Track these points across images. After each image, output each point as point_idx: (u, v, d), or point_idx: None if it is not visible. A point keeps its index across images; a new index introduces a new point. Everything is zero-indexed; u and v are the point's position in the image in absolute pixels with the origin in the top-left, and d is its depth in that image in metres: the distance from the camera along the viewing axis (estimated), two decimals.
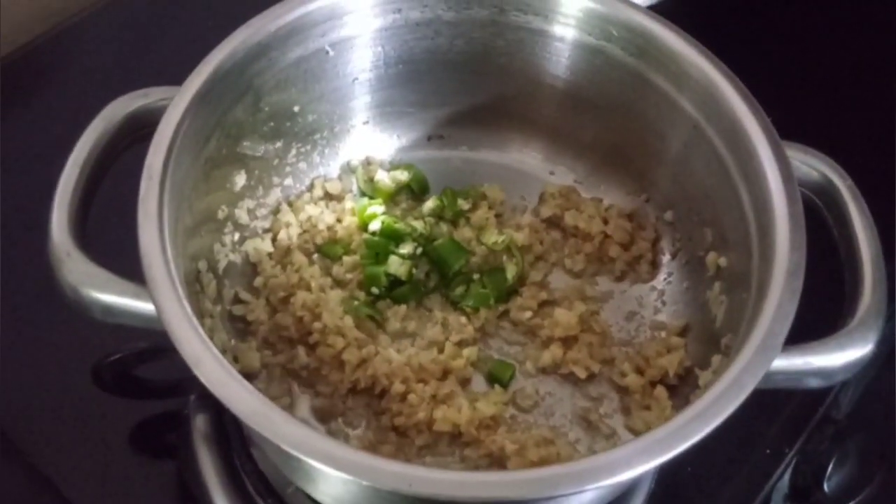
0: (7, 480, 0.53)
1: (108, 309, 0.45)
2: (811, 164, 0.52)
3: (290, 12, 0.53)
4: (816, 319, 0.46)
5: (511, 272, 0.58)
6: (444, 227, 0.60)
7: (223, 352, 0.49)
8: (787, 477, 0.56)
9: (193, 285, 0.50)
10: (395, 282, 0.57)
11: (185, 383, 0.54)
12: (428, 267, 0.58)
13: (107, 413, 0.55)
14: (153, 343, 0.50)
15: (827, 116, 0.65)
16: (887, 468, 0.55)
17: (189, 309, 0.43)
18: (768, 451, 0.56)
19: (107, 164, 0.49)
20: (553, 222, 0.61)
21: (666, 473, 0.41)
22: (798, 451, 0.56)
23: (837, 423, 0.58)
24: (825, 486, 0.55)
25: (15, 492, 0.52)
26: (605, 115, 0.59)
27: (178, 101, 0.49)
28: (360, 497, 0.47)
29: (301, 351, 0.53)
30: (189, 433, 0.53)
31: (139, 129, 0.50)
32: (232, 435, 0.53)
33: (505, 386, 0.54)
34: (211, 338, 0.43)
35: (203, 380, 0.41)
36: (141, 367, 0.55)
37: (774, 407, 0.56)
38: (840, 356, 0.45)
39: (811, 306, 0.45)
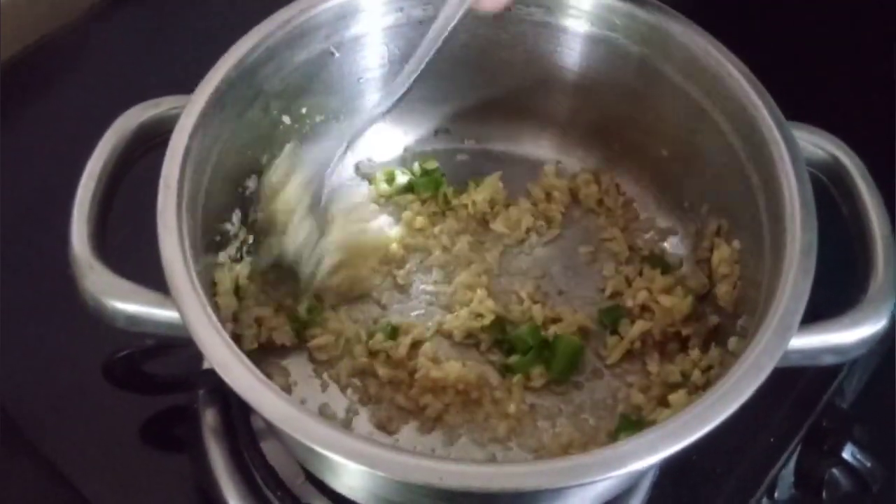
0: (19, 474, 0.54)
1: (133, 319, 0.45)
2: (817, 144, 0.52)
3: (296, 16, 0.53)
4: (827, 298, 0.46)
5: None
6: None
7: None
8: (792, 465, 0.56)
9: (211, 289, 0.51)
10: None
11: (194, 378, 0.55)
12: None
13: (117, 408, 0.55)
14: (162, 339, 0.50)
15: (830, 96, 0.65)
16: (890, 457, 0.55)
17: (214, 316, 0.43)
18: (772, 439, 0.56)
19: (121, 175, 0.49)
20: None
21: (670, 462, 0.42)
22: (803, 438, 0.56)
23: (842, 411, 0.58)
24: (831, 474, 0.55)
25: (27, 485, 0.53)
26: (614, 105, 0.59)
27: (189, 110, 0.49)
28: (387, 488, 0.48)
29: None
30: (198, 427, 0.54)
31: (152, 139, 0.50)
32: (240, 429, 0.53)
33: None
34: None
35: (233, 386, 0.41)
36: (150, 362, 0.55)
37: (779, 395, 0.56)
38: (855, 332, 0.46)
39: (821, 285, 0.46)
